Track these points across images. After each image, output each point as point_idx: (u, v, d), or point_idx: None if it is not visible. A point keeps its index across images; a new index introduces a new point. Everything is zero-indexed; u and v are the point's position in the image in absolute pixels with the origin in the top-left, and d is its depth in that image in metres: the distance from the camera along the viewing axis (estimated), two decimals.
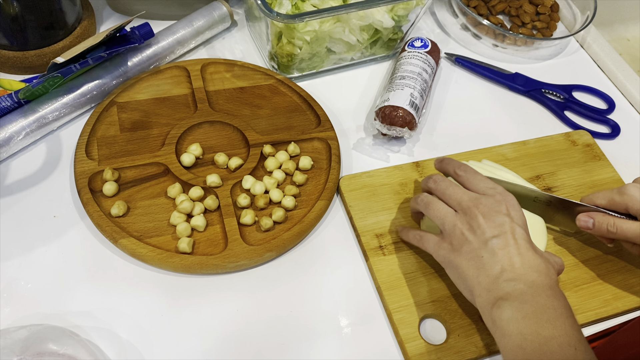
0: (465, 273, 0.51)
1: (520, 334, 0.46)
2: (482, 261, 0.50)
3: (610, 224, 0.57)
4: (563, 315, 0.46)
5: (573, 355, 0.44)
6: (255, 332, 0.55)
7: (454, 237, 0.53)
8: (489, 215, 0.52)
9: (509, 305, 0.47)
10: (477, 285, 0.50)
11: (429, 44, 0.75)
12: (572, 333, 0.46)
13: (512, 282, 0.48)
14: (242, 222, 0.60)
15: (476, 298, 0.50)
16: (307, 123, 0.70)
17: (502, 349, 0.47)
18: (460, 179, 0.57)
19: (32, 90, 0.62)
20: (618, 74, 0.84)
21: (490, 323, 0.49)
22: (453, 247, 0.53)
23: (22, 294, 0.55)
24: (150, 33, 0.70)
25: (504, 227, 0.51)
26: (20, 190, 0.61)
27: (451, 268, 0.53)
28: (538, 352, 0.44)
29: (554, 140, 0.74)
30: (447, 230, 0.53)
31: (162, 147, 0.65)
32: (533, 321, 0.46)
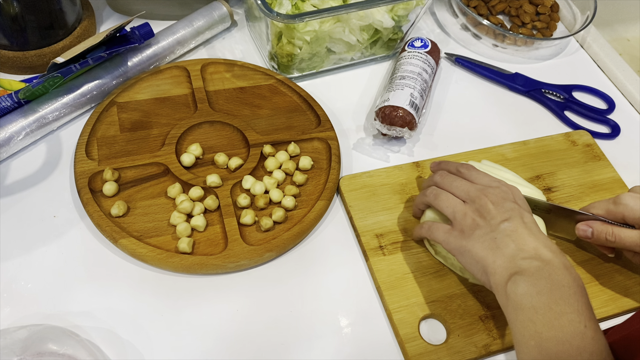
0: (479, 254, 0.51)
1: (533, 307, 0.46)
2: (496, 242, 0.51)
3: (609, 233, 0.57)
4: (577, 293, 0.47)
5: (582, 332, 0.45)
6: (255, 332, 0.55)
7: (464, 224, 0.53)
8: (497, 202, 0.53)
9: (524, 280, 0.47)
10: (492, 264, 0.50)
11: (429, 44, 0.75)
12: (583, 311, 0.46)
13: (528, 259, 0.49)
14: (242, 222, 0.60)
15: (490, 277, 0.50)
16: (307, 123, 0.70)
17: (512, 323, 0.48)
18: (464, 175, 0.58)
19: (32, 90, 0.62)
20: (618, 74, 0.84)
21: (503, 298, 0.49)
22: (464, 233, 0.53)
23: (22, 294, 0.55)
24: (150, 33, 0.70)
25: (513, 212, 0.52)
26: (20, 190, 0.61)
27: (463, 253, 0.53)
28: (548, 326, 0.45)
29: (554, 140, 0.74)
30: (458, 219, 0.54)
31: (162, 147, 0.65)
32: (546, 296, 0.46)
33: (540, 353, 0.45)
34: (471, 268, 0.53)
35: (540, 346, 0.45)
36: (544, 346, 0.45)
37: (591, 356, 0.44)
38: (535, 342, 0.45)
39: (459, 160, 0.68)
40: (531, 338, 0.45)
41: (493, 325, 0.57)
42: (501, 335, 0.56)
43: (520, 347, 0.47)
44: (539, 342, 0.45)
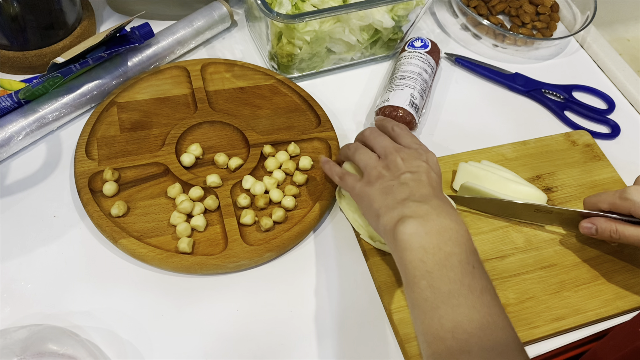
0: (374, 199, 0.53)
1: (422, 247, 0.46)
2: (392, 189, 0.52)
3: (613, 230, 0.57)
4: (464, 237, 0.47)
5: (471, 272, 0.45)
6: (255, 332, 0.55)
7: (371, 175, 0.55)
8: (407, 159, 0.55)
9: (413, 221, 0.48)
10: (384, 206, 0.51)
11: (429, 44, 0.75)
12: (471, 253, 0.47)
13: (418, 202, 0.50)
14: (242, 222, 0.60)
15: (380, 218, 0.51)
16: (307, 123, 0.70)
17: (402, 265, 0.48)
18: (394, 134, 0.59)
19: (32, 90, 0.62)
20: (618, 74, 0.84)
21: (391, 240, 0.49)
22: (369, 182, 0.55)
23: (22, 294, 0.55)
24: (150, 33, 0.70)
25: (419, 168, 0.53)
26: (20, 190, 0.61)
27: (363, 198, 0.54)
28: (438, 266, 0.45)
29: (554, 140, 0.74)
30: (367, 171, 0.55)
31: (162, 147, 0.65)
32: (435, 237, 0.47)
33: (432, 292, 0.45)
34: (366, 213, 0.54)
35: (432, 286, 0.45)
36: (435, 285, 0.45)
37: (482, 293, 0.45)
38: (427, 281, 0.45)
39: (459, 160, 0.69)
40: (422, 278, 0.45)
41: None
42: None
43: (411, 287, 0.46)
44: (430, 281, 0.45)
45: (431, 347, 0.44)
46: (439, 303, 0.44)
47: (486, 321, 0.43)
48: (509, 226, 0.64)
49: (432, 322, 0.44)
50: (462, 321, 0.43)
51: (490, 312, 0.44)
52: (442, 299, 0.44)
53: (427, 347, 0.45)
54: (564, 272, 0.61)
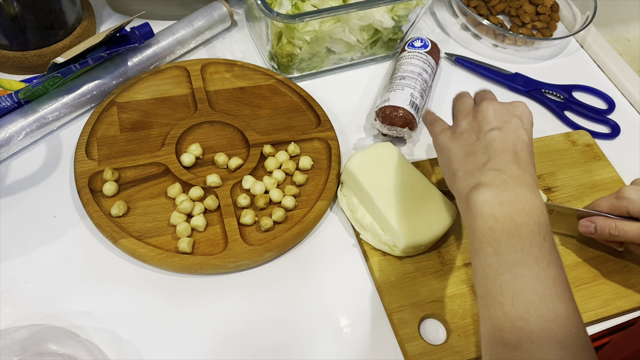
0: (454, 156, 0.52)
1: (493, 216, 0.46)
2: (475, 149, 0.51)
3: (612, 227, 0.57)
4: (538, 209, 0.46)
5: (540, 243, 0.45)
6: (255, 332, 0.55)
7: (459, 125, 0.54)
8: (499, 111, 0.53)
9: (487, 189, 0.47)
10: (462, 169, 0.50)
11: (429, 44, 0.75)
12: (544, 225, 0.46)
13: (496, 171, 0.48)
14: (242, 222, 0.60)
15: (457, 181, 0.50)
16: (307, 123, 0.70)
17: (471, 232, 0.47)
18: None
19: (32, 90, 0.62)
20: (618, 74, 0.84)
21: (464, 206, 0.49)
22: (455, 134, 0.54)
23: (22, 294, 0.55)
24: (150, 33, 0.70)
25: (509, 124, 0.52)
26: (20, 190, 0.61)
27: (443, 152, 0.54)
28: (507, 235, 0.45)
29: (554, 140, 0.74)
30: (457, 118, 0.55)
31: (162, 147, 0.65)
32: (508, 207, 0.46)
33: (497, 259, 0.44)
34: (443, 168, 0.54)
35: (498, 253, 0.44)
36: (501, 253, 0.44)
37: (548, 266, 0.44)
38: (494, 249, 0.45)
39: None
40: (489, 245, 0.45)
41: None
42: None
43: (477, 253, 0.46)
44: (496, 249, 0.45)
45: (489, 311, 0.44)
46: (502, 270, 0.44)
47: (549, 292, 0.43)
48: None
49: (494, 287, 0.44)
50: (524, 289, 0.43)
51: (555, 284, 0.43)
52: (507, 267, 0.44)
53: (485, 311, 0.44)
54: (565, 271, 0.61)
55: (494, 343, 0.43)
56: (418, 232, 0.58)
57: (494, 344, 0.43)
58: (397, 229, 0.57)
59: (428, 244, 0.59)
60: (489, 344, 0.43)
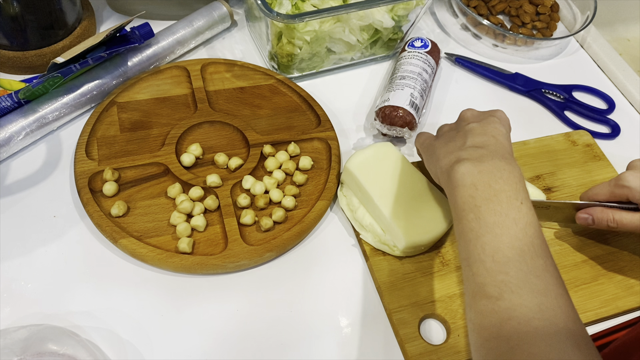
0: (436, 148, 0.56)
1: (473, 184, 0.48)
2: (455, 138, 0.55)
3: (610, 219, 0.57)
4: (516, 177, 0.49)
5: (518, 207, 0.47)
6: (255, 332, 0.55)
7: (442, 130, 0.59)
8: (476, 113, 0.58)
9: (467, 162, 0.50)
10: (444, 152, 0.54)
11: (429, 44, 0.75)
12: (520, 190, 0.48)
13: (475, 147, 0.52)
14: (242, 222, 0.60)
15: (439, 162, 0.53)
16: (307, 123, 0.70)
17: (452, 201, 0.50)
18: None
19: (32, 90, 0.62)
20: (618, 74, 0.84)
21: (446, 180, 0.51)
22: (437, 136, 0.59)
23: (22, 294, 0.55)
24: (150, 33, 0.70)
25: (486, 120, 0.55)
26: (20, 190, 0.61)
27: (428, 148, 0.58)
28: (486, 201, 0.47)
29: (554, 140, 0.74)
30: (439, 129, 0.60)
31: (162, 147, 0.65)
32: (487, 175, 0.48)
33: (478, 223, 0.47)
34: (428, 161, 0.57)
35: (479, 217, 0.47)
36: (481, 217, 0.47)
37: (526, 226, 0.46)
38: (474, 214, 0.47)
39: None
40: (470, 211, 0.48)
41: None
42: None
43: (459, 219, 0.48)
44: (477, 214, 0.47)
45: (472, 269, 0.46)
46: (483, 232, 0.46)
47: (527, 249, 0.45)
48: None
49: (475, 248, 0.46)
50: (503, 248, 0.45)
51: (532, 242, 0.45)
52: (487, 229, 0.46)
53: (468, 270, 0.46)
54: (564, 272, 0.61)
55: (477, 297, 0.45)
56: (418, 232, 0.58)
57: (477, 299, 0.45)
58: (397, 229, 0.57)
59: (428, 244, 0.59)
60: (472, 301, 0.45)
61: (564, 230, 0.65)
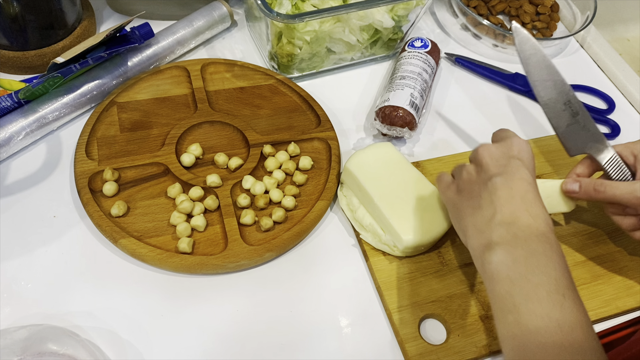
0: (463, 212, 0.51)
1: (509, 278, 0.44)
2: (480, 201, 0.50)
3: (598, 184, 0.55)
4: (554, 261, 0.45)
5: (560, 302, 0.43)
6: (255, 332, 0.55)
7: (461, 179, 0.53)
8: (495, 155, 0.51)
9: (500, 249, 0.46)
10: (472, 226, 0.50)
11: (429, 44, 0.75)
12: (561, 280, 0.44)
13: (505, 225, 0.47)
14: (242, 222, 0.60)
15: (469, 239, 0.50)
16: (307, 123, 0.70)
17: (490, 294, 0.46)
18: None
19: (32, 90, 0.62)
20: (618, 74, 0.84)
21: (480, 267, 0.48)
22: (459, 188, 0.53)
23: (22, 294, 0.55)
24: (150, 33, 0.70)
25: (508, 167, 0.50)
26: (20, 190, 0.61)
27: (453, 208, 0.53)
28: (525, 299, 0.43)
29: (554, 140, 0.74)
30: (458, 175, 0.54)
31: (162, 147, 0.65)
32: (523, 266, 0.45)
33: (519, 329, 0.43)
34: (455, 224, 0.53)
35: (519, 322, 0.43)
36: (522, 322, 0.43)
37: (572, 330, 0.42)
38: (514, 317, 0.43)
39: (459, 160, 0.69)
40: (509, 312, 0.44)
41: (493, 325, 0.56)
42: None
43: (499, 320, 0.45)
44: (517, 317, 0.43)
45: None
46: (526, 342, 0.42)
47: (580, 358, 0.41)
48: None
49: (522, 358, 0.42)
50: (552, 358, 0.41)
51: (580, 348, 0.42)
52: (530, 337, 0.42)
53: None
54: None
55: None
56: (418, 232, 0.58)
57: None
58: (397, 229, 0.57)
59: (428, 244, 0.59)
60: None
61: (565, 230, 0.65)
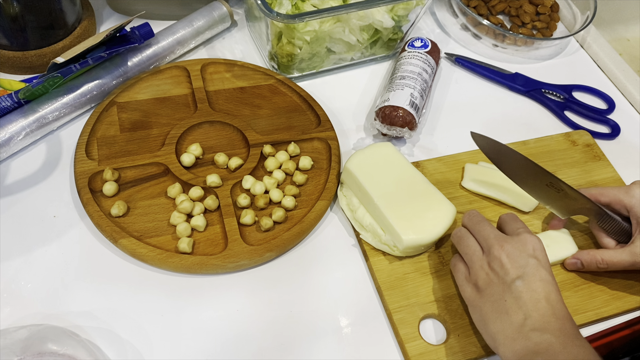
0: (488, 317, 0.50)
1: None
2: (505, 306, 0.49)
3: (599, 261, 0.58)
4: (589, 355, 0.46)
5: None
6: (255, 332, 0.55)
7: (479, 277, 0.52)
8: (513, 254, 0.51)
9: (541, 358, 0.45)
10: (500, 332, 0.49)
11: (429, 44, 0.75)
12: None
13: (538, 332, 0.47)
14: (242, 222, 0.60)
15: (499, 347, 0.49)
16: (307, 123, 0.70)
17: None
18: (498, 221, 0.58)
19: (32, 90, 0.62)
20: (618, 74, 0.84)
21: None
22: (478, 288, 0.52)
23: (22, 294, 0.55)
24: (150, 33, 0.70)
25: (527, 268, 0.50)
26: (20, 190, 0.61)
27: (474, 309, 0.52)
28: None
29: (554, 140, 0.74)
30: (474, 270, 0.53)
31: (162, 147, 0.65)
32: None
33: None
34: (479, 327, 0.52)
35: None
36: None
37: None
38: None
39: (459, 160, 0.69)
40: None
41: None
42: None
43: None
44: None
45: None
46: None
47: None
48: None
49: None
50: None
51: None
52: None
53: None
54: (564, 272, 0.61)
55: None
56: (418, 232, 0.58)
57: None
58: (397, 229, 0.57)
59: (428, 244, 0.59)
60: None
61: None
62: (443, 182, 0.67)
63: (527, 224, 0.64)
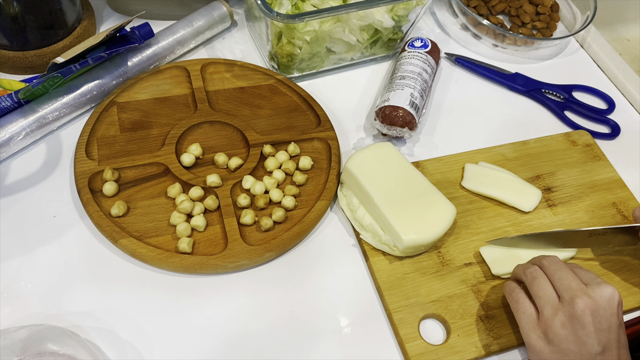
0: None
1: None
2: (581, 338, 0.47)
3: None
4: None
5: None
6: (255, 332, 0.55)
7: (551, 328, 0.49)
8: (597, 315, 0.48)
9: None
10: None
11: (429, 44, 0.75)
12: None
13: None
14: (242, 222, 0.60)
15: None
16: (307, 123, 0.70)
17: None
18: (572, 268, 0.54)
19: (32, 90, 0.62)
20: (618, 74, 0.84)
21: None
22: (548, 339, 0.49)
23: (22, 294, 0.55)
24: (150, 33, 0.70)
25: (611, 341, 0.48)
26: (20, 190, 0.61)
27: (537, 357, 0.50)
28: None
29: (554, 140, 0.74)
30: (545, 316, 0.50)
31: (162, 147, 0.65)
32: None
33: None
34: None
35: None
36: None
37: None
38: None
39: (459, 160, 0.69)
40: None
41: (493, 325, 0.57)
42: (501, 335, 0.56)
43: None
44: None
45: None
46: None
47: None
48: (510, 226, 0.64)
49: None
50: None
51: None
52: None
53: None
54: None
55: None
56: (418, 232, 0.58)
57: None
58: (397, 229, 0.57)
59: (428, 244, 0.59)
60: None
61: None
62: (443, 182, 0.67)
63: (527, 224, 0.65)
